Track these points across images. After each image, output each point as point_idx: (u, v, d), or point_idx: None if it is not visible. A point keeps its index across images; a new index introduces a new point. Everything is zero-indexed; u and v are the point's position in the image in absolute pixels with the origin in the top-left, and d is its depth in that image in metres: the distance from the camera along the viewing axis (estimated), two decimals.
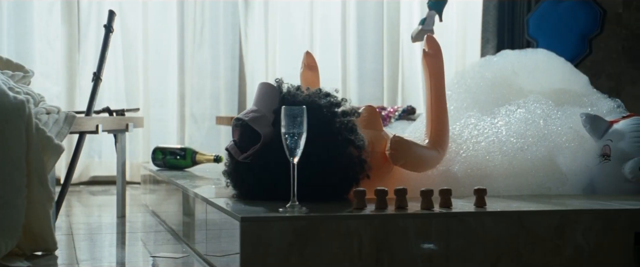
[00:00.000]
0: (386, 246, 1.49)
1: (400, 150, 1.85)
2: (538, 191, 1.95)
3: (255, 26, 4.63)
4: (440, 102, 2.06)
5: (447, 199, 1.61)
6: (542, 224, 1.56)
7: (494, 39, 4.95)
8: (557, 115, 2.16)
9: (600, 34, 4.42)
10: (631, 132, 2.02)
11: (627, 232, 1.59)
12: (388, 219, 1.50)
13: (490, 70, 2.60)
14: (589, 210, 1.60)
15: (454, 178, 1.97)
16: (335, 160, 1.71)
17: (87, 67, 4.24)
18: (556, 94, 2.49)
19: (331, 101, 1.79)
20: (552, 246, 1.56)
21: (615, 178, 2.00)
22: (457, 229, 1.52)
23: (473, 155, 2.02)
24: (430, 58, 2.08)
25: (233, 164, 1.77)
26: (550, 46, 4.61)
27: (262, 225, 1.42)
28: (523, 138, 2.06)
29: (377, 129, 1.96)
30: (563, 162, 2.04)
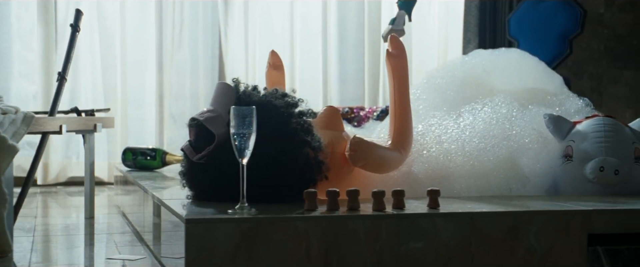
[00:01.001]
0: (335, 248, 1.47)
1: (359, 151, 1.84)
2: (499, 192, 1.94)
3: (235, 26, 4.61)
4: (403, 102, 2.05)
5: (400, 200, 1.60)
6: (495, 226, 1.55)
7: (476, 39, 4.95)
8: (521, 116, 2.15)
9: (581, 34, 4.41)
10: (593, 133, 2.01)
11: (580, 234, 1.58)
12: (337, 220, 1.48)
13: (461, 69, 2.59)
14: (542, 211, 1.59)
15: (415, 179, 1.96)
16: (291, 161, 1.69)
17: None
18: (528, 93, 2.48)
19: (288, 101, 1.78)
20: (504, 247, 1.55)
21: (577, 179, 1.99)
22: (408, 231, 1.51)
23: (435, 156, 2.01)
24: (394, 58, 2.07)
25: (188, 164, 1.75)
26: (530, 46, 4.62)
27: (207, 227, 1.41)
28: (486, 139, 2.05)
29: (337, 130, 1.95)
30: (526, 163, 2.03)
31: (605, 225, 1.59)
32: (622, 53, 5.10)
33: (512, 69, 2.66)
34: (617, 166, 1.92)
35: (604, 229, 1.59)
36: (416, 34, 4.97)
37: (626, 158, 1.97)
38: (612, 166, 1.93)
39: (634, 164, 1.97)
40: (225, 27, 4.59)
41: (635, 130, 2.04)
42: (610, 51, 5.10)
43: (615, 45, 5.10)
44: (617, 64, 5.12)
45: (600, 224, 1.59)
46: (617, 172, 1.92)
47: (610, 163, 1.93)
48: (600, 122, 2.03)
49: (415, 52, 4.95)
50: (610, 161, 1.93)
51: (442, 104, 2.38)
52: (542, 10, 4.55)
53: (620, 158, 1.95)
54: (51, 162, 4.22)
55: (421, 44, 4.98)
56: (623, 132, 2.02)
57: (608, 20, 5.10)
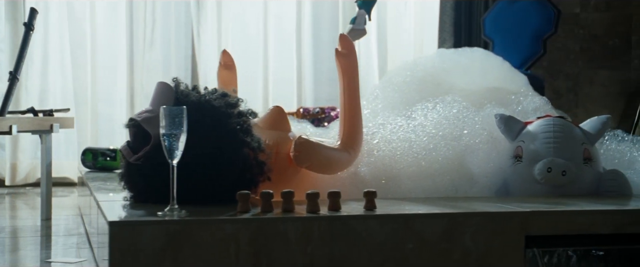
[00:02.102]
0: (265, 251, 1.45)
1: (304, 152, 1.82)
2: (445, 193, 1.92)
3: (208, 25, 4.58)
4: (353, 102, 2.03)
5: (336, 202, 1.57)
6: (430, 227, 1.53)
7: (451, 39, 4.93)
8: (472, 116, 2.13)
9: (555, 34, 4.40)
10: (542, 133, 1.99)
11: (517, 235, 1.56)
12: (267, 222, 1.46)
13: (421, 68, 2.57)
14: (478, 213, 1.57)
15: (362, 180, 1.94)
16: (229, 162, 1.67)
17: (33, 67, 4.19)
18: (489, 92, 2.47)
19: (228, 102, 1.75)
20: (439, 249, 1.53)
21: (527, 179, 1.97)
22: (340, 233, 1.49)
23: (383, 156, 1.99)
24: (343, 57, 2.05)
25: (126, 165, 1.73)
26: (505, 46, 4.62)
27: (131, 229, 1.38)
28: (435, 139, 2.03)
29: (284, 130, 1.93)
30: (476, 163, 2.01)
31: (542, 227, 1.57)
32: (598, 53, 5.10)
33: (474, 69, 2.65)
34: (564, 167, 1.91)
35: (541, 231, 1.57)
36: (392, 34, 4.96)
37: (575, 159, 1.95)
38: (559, 166, 1.91)
39: (582, 165, 1.95)
40: (198, 26, 4.57)
41: (586, 131, 2.03)
42: (586, 51, 5.10)
43: (590, 45, 5.10)
44: (593, 64, 5.12)
45: (538, 225, 1.57)
46: (564, 173, 1.91)
47: (557, 164, 1.91)
48: (549, 122, 2.01)
49: (391, 53, 4.94)
50: (558, 162, 1.91)
51: (400, 103, 2.37)
52: (517, 10, 4.54)
53: (569, 159, 1.94)
54: (20, 163, 4.19)
55: (397, 44, 4.96)
56: (573, 133, 2.00)
57: (583, 21, 5.10)
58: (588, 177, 1.97)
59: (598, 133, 2.02)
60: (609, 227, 1.60)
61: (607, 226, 1.60)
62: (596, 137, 2.02)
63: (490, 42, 4.53)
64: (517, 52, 4.50)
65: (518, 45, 4.49)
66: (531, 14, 4.47)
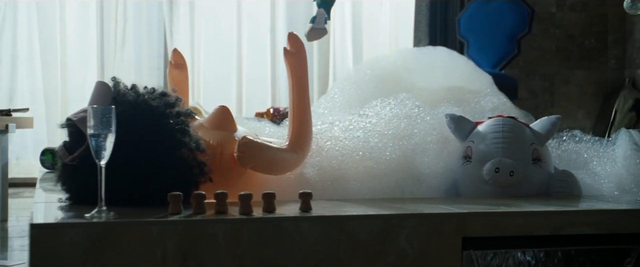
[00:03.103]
0: (193, 254, 1.42)
1: (248, 152, 1.79)
2: (392, 194, 1.89)
3: (181, 24, 4.55)
4: (302, 102, 2.00)
5: (270, 203, 1.55)
6: (364, 229, 1.50)
7: (426, 39, 4.91)
8: (424, 115, 2.11)
9: (529, 33, 4.39)
10: (491, 134, 1.97)
11: (454, 237, 1.54)
12: (195, 224, 1.43)
13: (380, 67, 2.55)
14: (414, 214, 1.55)
15: (309, 181, 1.91)
16: (165, 163, 1.64)
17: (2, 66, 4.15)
18: (449, 91, 2.45)
19: (166, 101, 1.72)
20: (374, 251, 1.50)
21: (476, 180, 1.95)
22: (272, 235, 1.46)
23: (330, 156, 1.96)
24: (292, 56, 2.02)
25: (61, 166, 1.70)
26: (480, 46, 4.61)
27: (52, 232, 1.35)
28: (384, 138, 2.00)
29: (229, 131, 1.90)
30: (426, 163, 1.98)
31: (480, 228, 1.55)
32: (574, 53, 5.09)
33: (437, 68, 2.63)
34: (512, 167, 1.89)
35: (478, 232, 1.55)
36: (367, 34, 4.94)
37: (523, 159, 1.93)
38: (507, 167, 1.89)
39: (531, 165, 1.93)
40: (171, 25, 4.54)
41: (536, 131, 2.00)
42: (562, 51, 5.09)
43: (566, 45, 5.09)
44: (569, 64, 5.11)
45: (475, 227, 1.55)
46: (512, 173, 1.88)
47: (505, 164, 1.89)
48: (499, 123, 1.99)
49: (366, 53, 4.92)
50: (506, 162, 1.89)
51: (358, 101, 2.35)
52: (491, 10, 4.52)
53: (518, 159, 1.92)
54: None
55: (372, 44, 4.95)
56: (522, 133, 1.98)
57: (559, 21, 5.09)
58: (537, 177, 1.95)
59: (548, 133, 2.00)
60: (547, 229, 1.57)
61: (546, 227, 1.57)
62: (546, 137, 2.00)
63: (466, 42, 4.52)
64: (492, 51, 4.49)
65: (493, 45, 4.47)
66: (505, 14, 4.46)
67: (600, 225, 1.59)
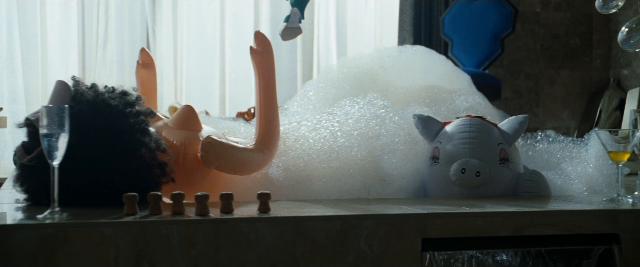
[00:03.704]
0: (147, 255, 1.41)
1: (211, 152, 1.77)
2: (358, 195, 1.88)
3: (164, 23, 4.53)
4: (269, 101, 1.99)
5: (227, 204, 1.53)
6: (322, 230, 1.49)
7: (410, 38, 4.90)
8: (392, 116, 2.09)
9: (512, 33, 4.38)
10: (458, 134, 1.96)
11: (413, 238, 1.52)
12: (148, 225, 1.41)
13: (357, 66, 2.54)
14: (373, 215, 1.53)
15: (274, 181, 1.89)
16: (123, 163, 1.62)
17: None
18: (425, 90, 2.44)
19: (126, 101, 1.70)
20: (332, 252, 1.49)
21: (443, 180, 1.93)
22: (227, 236, 1.45)
23: (296, 156, 1.94)
24: (258, 55, 2.01)
25: (20, 166, 1.68)
26: (463, 46, 4.59)
27: (2, 233, 1.33)
28: (351, 138, 1.98)
29: (194, 130, 1.88)
30: (394, 164, 1.97)
31: (440, 229, 1.54)
32: (559, 53, 5.08)
33: (415, 67, 2.62)
34: (478, 168, 1.87)
35: (438, 233, 1.53)
36: (352, 33, 4.92)
37: (490, 159, 1.91)
38: (473, 167, 1.87)
39: (498, 166, 1.92)
40: (153, 24, 4.51)
41: (504, 131, 1.99)
42: (546, 51, 5.08)
43: (551, 45, 5.08)
44: (554, 64, 5.10)
45: (435, 228, 1.53)
46: (478, 173, 1.87)
47: (471, 165, 1.88)
48: (466, 123, 1.97)
49: (351, 52, 4.89)
50: (472, 163, 1.88)
51: (333, 100, 2.33)
52: (475, 10, 4.51)
53: (484, 159, 1.90)
54: None
55: (357, 44, 4.93)
56: (490, 133, 1.96)
57: (544, 20, 5.07)
58: (505, 177, 1.93)
59: (515, 133, 1.98)
60: (508, 230, 1.56)
61: (507, 228, 1.56)
62: (514, 137, 1.98)
63: (449, 42, 4.51)
64: (476, 51, 4.48)
65: (476, 45, 4.47)
66: (489, 13, 4.45)
67: (561, 226, 1.58)
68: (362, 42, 4.94)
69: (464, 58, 4.50)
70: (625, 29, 2.19)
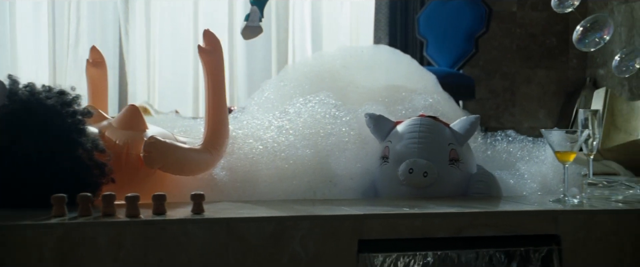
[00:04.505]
0: (72, 258, 1.37)
1: (154, 152, 1.74)
2: (304, 195, 1.85)
3: (136, 23, 4.49)
4: (217, 101, 1.96)
5: (160, 205, 1.50)
6: (255, 232, 1.46)
7: (386, 38, 4.87)
8: (343, 115, 2.06)
9: (486, 32, 4.36)
10: (408, 134, 1.93)
11: (350, 239, 1.49)
12: (74, 228, 1.38)
13: (318, 64, 2.52)
14: (308, 216, 1.50)
15: (219, 182, 1.86)
16: (61, 163, 1.59)
17: None
18: (387, 89, 2.42)
19: (63, 100, 1.67)
20: (265, 254, 1.46)
21: (393, 181, 1.91)
22: (156, 238, 1.42)
23: (243, 156, 1.91)
24: (207, 54, 1.98)
25: None
26: (439, 45, 4.57)
27: None
28: (299, 138, 1.96)
29: (138, 130, 1.85)
30: (343, 164, 1.94)
31: (377, 230, 1.51)
32: (535, 52, 5.06)
33: (378, 66, 2.60)
34: (426, 168, 1.85)
35: (375, 235, 1.51)
36: (327, 32, 4.90)
37: (440, 160, 1.89)
38: (421, 167, 1.85)
39: (448, 166, 1.89)
40: (126, 24, 4.47)
41: (456, 131, 1.97)
42: (523, 50, 5.06)
43: (528, 44, 5.06)
44: (530, 64, 5.08)
45: (372, 229, 1.51)
46: (426, 174, 1.85)
47: (419, 165, 1.85)
48: (416, 123, 1.95)
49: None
50: (420, 163, 1.85)
51: (291, 99, 2.30)
52: (449, 9, 4.49)
53: (434, 160, 1.88)
54: None
55: (332, 43, 4.90)
56: (440, 133, 1.94)
57: (521, 19, 5.06)
58: (455, 178, 1.91)
59: (467, 133, 1.96)
60: (447, 231, 1.54)
61: (446, 229, 1.54)
62: (465, 137, 1.96)
63: (425, 41, 4.48)
64: (450, 50, 4.45)
65: (451, 44, 4.44)
66: (463, 13, 4.43)
67: (502, 227, 1.56)
68: (338, 41, 4.91)
69: (438, 57, 4.48)
70: (580, 28, 2.17)
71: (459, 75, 4.22)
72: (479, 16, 4.41)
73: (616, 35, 4.71)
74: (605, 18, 2.15)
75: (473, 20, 4.41)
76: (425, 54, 4.49)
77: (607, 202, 1.76)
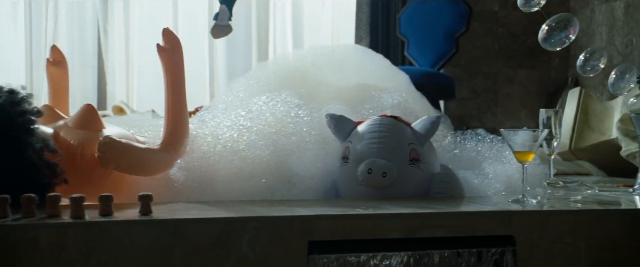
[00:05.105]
0: (12, 260, 1.35)
1: (108, 152, 1.72)
2: (262, 196, 1.82)
3: (116, 22, 4.46)
4: (177, 100, 1.94)
5: (106, 206, 1.48)
6: (202, 233, 1.44)
7: (367, 37, 4.86)
8: (305, 115, 2.04)
9: (466, 32, 4.34)
10: (368, 134, 1.91)
11: (299, 241, 1.47)
12: (13, 229, 1.36)
13: (288, 63, 2.50)
14: (256, 217, 1.48)
15: (176, 182, 1.84)
16: (9, 164, 1.56)
17: None
18: (357, 89, 2.40)
19: (12, 100, 1.65)
20: (213, 256, 1.44)
21: (353, 181, 1.88)
22: (100, 240, 1.39)
23: (201, 156, 1.89)
24: (166, 53, 1.96)
25: None
26: (419, 44, 4.55)
27: None
28: (260, 137, 1.93)
29: (94, 130, 1.83)
30: (304, 164, 1.92)
31: (327, 231, 1.49)
32: (517, 52, 5.05)
33: (349, 65, 2.58)
34: (385, 168, 1.83)
35: (326, 236, 1.49)
36: (309, 31, 4.88)
37: (399, 160, 1.87)
38: (380, 168, 1.83)
39: (408, 166, 1.87)
40: (105, 23, 4.45)
41: (417, 131, 1.94)
42: (504, 50, 5.05)
43: (509, 44, 5.05)
44: (512, 63, 5.07)
45: (322, 230, 1.49)
46: (384, 174, 1.83)
47: (378, 165, 1.83)
48: (377, 122, 1.93)
49: None
50: (379, 163, 1.83)
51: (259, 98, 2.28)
52: (430, 8, 4.48)
53: (393, 160, 1.86)
54: None
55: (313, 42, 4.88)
56: (400, 133, 1.92)
57: (503, 19, 5.05)
58: (416, 178, 1.89)
59: (428, 133, 1.93)
60: (399, 232, 1.52)
61: (398, 230, 1.52)
62: (426, 137, 1.93)
63: (406, 40, 4.47)
64: (431, 50, 4.44)
65: (431, 44, 4.43)
66: (443, 12, 4.41)
67: (455, 228, 1.54)
68: (319, 41, 4.89)
69: (419, 57, 4.46)
70: (545, 27, 2.15)
71: (439, 75, 4.20)
72: (459, 15, 4.40)
73: (597, 35, 4.70)
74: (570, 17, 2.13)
75: (453, 19, 4.39)
76: (406, 53, 4.48)
77: (566, 203, 1.74)
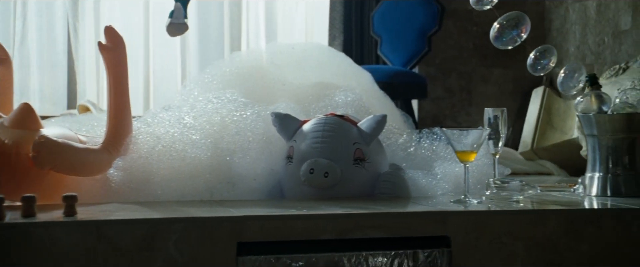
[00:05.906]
0: None
1: (43, 152, 1.69)
2: (201, 196, 1.79)
3: (86, 21, 4.42)
4: (119, 99, 1.90)
5: (29, 208, 1.44)
6: (126, 235, 1.41)
7: (341, 35, 4.83)
8: (250, 114, 2.01)
9: (439, 31, 4.32)
10: (312, 133, 1.88)
11: (228, 242, 1.45)
12: None
13: (246, 61, 2.47)
14: (183, 218, 1.45)
15: (114, 182, 1.81)
16: None
17: None
18: (316, 87, 2.37)
19: None
20: (138, 258, 1.41)
21: (297, 181, 1.86)
22: (19, 242, 1.36)
23: (140, 155, 1.85)
24: (108, 51, 1.92)
25: None
26: (392, 43, 4.53)
27: None
28: (201, 136, 1.90)
29: (31, 129, 1.79)
30: (246, 164, 1.88)
31: (257, 232, 1.46)
32: (492, 51, 5.01)
33: (309, 64, 2.55)
34: (327, 168, 1.80)
35: (255, 237, 1.46)
36: (282, 30, 4.85)
37: (344, 159, 1.84)
38: (322, 168, 1.80)
39: (352, 166, 1.85)
40: (75, 22, 4.40)
41: (363, 130, 1.92)
42: (479, 49, 5.03)
43: (484, 43, 5.02)
44: (487, 62, 5.05)
45: (252, 231, 1.46)
46: (327, 174, 1.80)
47: (320, 165, 1.80)
48: (321, 121, 1.90)
49: None
50: (321, 163, 1.81)
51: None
52: (403, 7, 4.46)
53: (337, 159, 1.83)
54: None
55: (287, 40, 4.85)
56: (345, 132, 1.89)
57: (477, 18, 5.02)
58: (361, 178, 1.86)
59: (374, 132, 1.91)
60: (331, 233, 1.49)
61: (330, 231, 1.49)
62: (371, 136, 1.90)
63: (379, 39, 4.45)
64: (404, 49, 4.42)
65: (404, 43, 4.41)
66: (416, 11, 4.40)
67: (389, 228, 1.51)
68: (292, 39, 4.87)
69: (392, 56, 4.44)
70: (497, 25, 2.13)
71: (411, 74, 4.18)
72: (431, 14, 4.38)
73: (570, 34, 4.69)
74: (521, 15, 2.11)
75: (426, 18, 4.37)
76: (379, 52, 4.46)
77: (508, 203, 1.72)
